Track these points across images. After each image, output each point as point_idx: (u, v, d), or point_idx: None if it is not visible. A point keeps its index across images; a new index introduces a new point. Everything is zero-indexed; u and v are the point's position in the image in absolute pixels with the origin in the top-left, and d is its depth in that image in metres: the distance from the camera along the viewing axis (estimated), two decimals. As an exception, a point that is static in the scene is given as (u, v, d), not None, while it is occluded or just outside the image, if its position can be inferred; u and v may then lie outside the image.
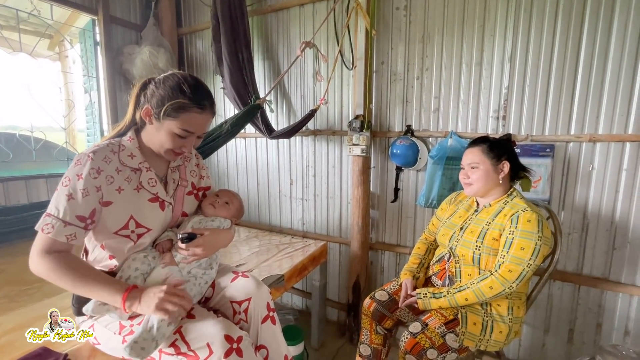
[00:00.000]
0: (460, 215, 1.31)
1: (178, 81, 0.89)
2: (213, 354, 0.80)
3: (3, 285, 1.38)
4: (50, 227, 0.80)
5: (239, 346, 0.84)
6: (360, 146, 1.79)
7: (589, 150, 1.43)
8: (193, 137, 0.93)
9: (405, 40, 1.74)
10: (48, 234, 0.80)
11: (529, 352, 1.65)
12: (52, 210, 0.82)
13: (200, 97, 0.90)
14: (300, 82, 2.08)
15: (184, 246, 0.94)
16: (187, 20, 2.45)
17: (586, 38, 1.37)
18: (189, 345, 0.83)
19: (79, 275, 0.83)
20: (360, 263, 1.93)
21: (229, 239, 1.08)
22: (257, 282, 1.04)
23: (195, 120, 0.90)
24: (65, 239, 0.81)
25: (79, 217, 0.83)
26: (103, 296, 0.84)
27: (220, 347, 0.80)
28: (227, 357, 0.80)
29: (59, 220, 0.81)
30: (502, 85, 1.54)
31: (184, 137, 0.91)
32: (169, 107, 0.87)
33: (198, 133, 0.93)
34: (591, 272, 1.49)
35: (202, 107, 0.90)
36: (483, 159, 1.20)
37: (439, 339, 1.12)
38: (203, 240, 0.97)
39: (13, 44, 1.90)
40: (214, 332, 0.82)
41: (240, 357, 0.83)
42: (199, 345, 0.82)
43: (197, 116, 0.90)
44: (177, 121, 0.88)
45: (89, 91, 2.26)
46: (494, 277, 1.10)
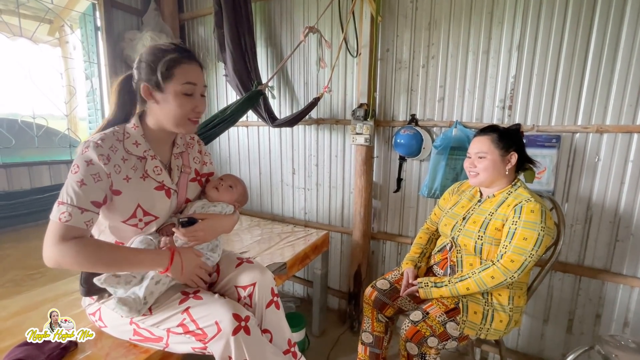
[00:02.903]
0: (463, 205, 1.30)
1: (154, 46, 0.90)
2: (222, 331, 0.82)
3: (8, 270, 1.40)
4: (67, 215, 0.78)
5: (247, 324, 0.85)
6: (364, 135, 1.78)
7: (596, 141, 1.41)
8: (198, 92, 0.91)
9: (411, 27, 1.70)
10: (67, 222, 0.78)
11: (528, 342, 1.67)
12: (64, 198, 0.80)
13: (181, 49, 0.90)
14: (303, 70, 2.05)
15: (183, 230, 0.94)
16: (189, 5, 2.41)
17: (597, 26, 1.34)
18: (197, 324, 0.84)
19: (111, 252, 0.84)
20: (362, 252, 1.94)
21: (231, 224, 1.08)
22: (261, 267, 1.05)
23: (191, 70, 0.89)
24: (85, 225, 0.81)
25: (94, 203, 0.82)
26: (145, 265, 0.87)
27: (229, 325, 0.82)
28: (236, 335, 0.82)
29: (75, 207, 0.79)
30: (509, 74, 1.52)
31: (191, 95, 0.90)
32: (162, 67, 0.86)
33: (199, 84, 0.91)
34: (593, 264, 1.49)
35: (189, 56, 0.90)
36: (492, 148, 1.18)
37: (439, 327, 1.13)
38: (203, 225, 0.97)
39: (13, 29, 1.87)
40: (222, 311, 0.84)
41: (248, 335, 0.84)
42: (208, 324, 0.83)
43: (190, 67, 0.89)
44: (176, 79, 0.87)
45: (90, 77, 2.24)
46: (496, 266, 1.10)
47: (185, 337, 0.86)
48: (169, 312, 0.88)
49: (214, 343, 0.83)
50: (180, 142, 1.04)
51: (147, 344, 0.91)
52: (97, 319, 0.97)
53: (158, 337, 0.89)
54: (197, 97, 0.91)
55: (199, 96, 0.92)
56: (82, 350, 0.90)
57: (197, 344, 0.86)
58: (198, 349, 0.87)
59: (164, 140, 0.99)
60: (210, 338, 0.83)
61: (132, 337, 0.92)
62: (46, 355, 0.84)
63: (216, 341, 0.83)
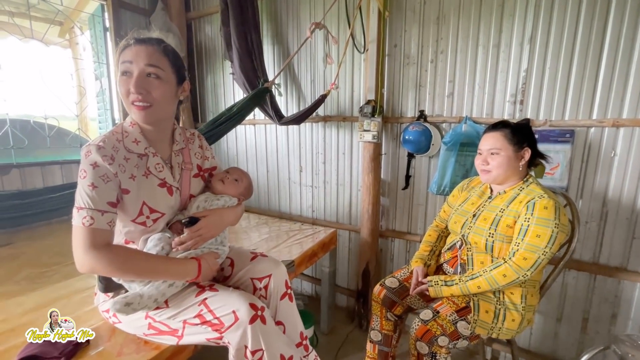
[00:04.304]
0: (472, 202, 1.28)
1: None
2: (239, 320, 0.83)
3: (23, 267, 1.43)
4: (90, 219, 0.80)
5: (263, 314, 0.87)
6: (372, 132, 1.76)
7: (612, 136, 1.37)
8: (135, 71, 0.85)
9: (420, 22, 1.68)
10: (91, 225, 0.80)
11: (541, 341, 1.63)
12: (81, 203, 0.81)
13: (129, 37, 0.89)
14: (310, 67, 2.04)
15: (188, 232, 0.95)
16: (195, 4, 2.41)
17: (613, 17, 1.30)
18: (215, 314, 0.86)
19: (142, 261, 0.86)
20: (370, 250, 1.92)
21: (235, 217, 1.08)
22: (275, 261, 1.08)
23: (133, 50, 0.86)
24: (108, 226, 0.83)
25: (110, 204, 0.84)
26: (175, 275, 0.88)
27: (246, 314, 0.84)
28: (252, 323, 0.83)
29: (94, 210, 0.81)
30: (521, 68, 1.48)
31: (129, 74, 0.85)
32: (117, 57, 0.88)
33: (136, 62, 0.85)
34: (608, 262, 1.45)
35: (133, 41, 0.87)
36: (505, 144, 1.15)
37: (450, 327, 1.11)
38: (206, 221, 0.97)
39: (25, 31, 1.90)
40: (239, 301, 0.86)
41: (264, 324, 0.86)
42: (225, 313, 0.85)
43: (135, 48, 0.86)
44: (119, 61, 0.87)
45: (99, 78, 2.27)
46: (508, 264, 1.08)
47: (201, 328, 0.87)
48: (186, 304, 0.89)
49: (230, 332, 0.84)
50: (179, 139, 1.04)
51: (162, 337, 0.92)
52: (110, 315, 0.98)
53: (174, 330, 0.90)
54: (132, 76, 0.85)
55: (140, 76, 0.85)
56: (95, 347, 0.92)
57: (213, 334, 0.86)
58: (213, 339, 0.88)
59: (160, 136, 0.98)
60: (227, 327, 0.84)
61: (146, 332, 0.93)
62: (60, 351, 0.86)
63: (233, 331, 0.84)
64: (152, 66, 0.86)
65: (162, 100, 0.89)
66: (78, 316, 1.05)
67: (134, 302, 0.83)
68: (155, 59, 0.87)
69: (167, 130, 1.00)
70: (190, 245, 0.95)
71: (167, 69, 0.89)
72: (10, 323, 1.03)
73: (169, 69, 0.90)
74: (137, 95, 0.85)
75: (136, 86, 0.84)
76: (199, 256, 0.94)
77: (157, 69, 0.87)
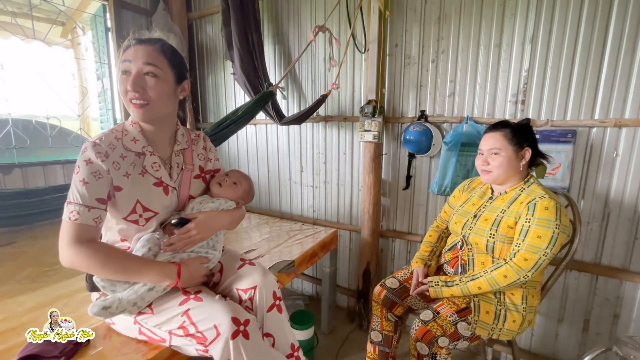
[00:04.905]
0: (473, 203, 1.28)
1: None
2: (220, 335, 0.81)
3: (24, 267, 1.43)
4: (76, 214, 0.81)
5: (246, 329, 0.84)
6: (372, 132, 1.76)
7: (614, 136, 1.36)
8: (134, 70, 0.86)
9: (420, 22, 1.67)
10: (76, 220, 0.81)
11: (542, 342, 1.63)
12: (71, 198, 0.83)
13: (130, 37, 0.90)
14: (311, 67, 2.04)
15: (176, 233, 0.94)
16: (196, 4, 2.42)
17: (615, 17, 1.29)
18: (197, 327, 0.84)
19: (120, 260, 0.86)
20: (371, 250, 1.92)
21: (231, 220, 1.05)
22: (263, 270, 1.03)
23: (133, 50, 0.88)
24: (94, 222, 0.83)
25: (98, 200, 0.84)
26: (152, 277, 0.87)
27: (227, 329, 0.81)
28: (234, 339, 0.81)
29: (82, 205, 0.82)
30: (522, 68, 1.47)
31: (128, 73, 0.87)
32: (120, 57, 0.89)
33: (134, 61, 0.87)
34: (610, 263, 1.45)
35: (134, 41, 0.88)
36: (505, 145, 1.15)
37: (450, 327, 1.11)
38: (196, 223, 0.96)
39: (27, 32, 1.91)
40: (221, 315, 0.83)
41: (247, 339, 0.83)
42: (207, 327, 0.83)
43: (135, 47, 0.88)
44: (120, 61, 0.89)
45: (101, 78, 2.28)
46: (509, 265, 1.07)
47: (187, 340, 0.86)
48: (170, 313, 0.88)
49: (213, 346, 0.82)
50: (181, 139, 1.03)
51: (154, 343, 0.92)
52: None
53: (161, 339, 0.90)
54: (130, 75, 0.86)
55: (137, 75, 0.86)
56: (94, 346, 0.92)
57: (199, 346, 0.86)
58: (200, 351, 0.87)
59: (160, 135, 0.98)
60: (211, 341, 0.82)
61: (138, 337, 0.93)
62: (60, 350, 0.86)
63: (215, 344, 0.82)
64: (149, 65, 0.87)
65: (158, 98, 0.89)
66: (78, 316, 1.04)
67: (112, 305, 0.83)
68: (153, 57, 0.88)
69: (167, 130, 1.00)
70: (178, 247, 0.94)
71: (164, 67, 0.90)
72: (11, 322, 1.04)
73: (166, 67, 0.91)
74: (134, 93, 0.86)
75: (133, 84, 0.86)
76: (183, 261, 0.92)
77: (154, 68, 0.88)
